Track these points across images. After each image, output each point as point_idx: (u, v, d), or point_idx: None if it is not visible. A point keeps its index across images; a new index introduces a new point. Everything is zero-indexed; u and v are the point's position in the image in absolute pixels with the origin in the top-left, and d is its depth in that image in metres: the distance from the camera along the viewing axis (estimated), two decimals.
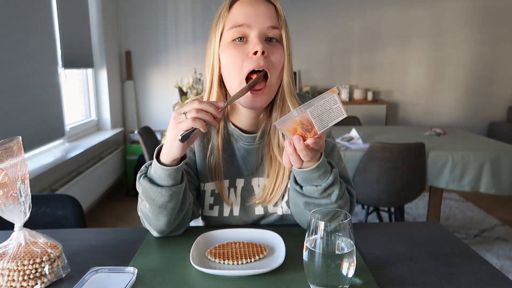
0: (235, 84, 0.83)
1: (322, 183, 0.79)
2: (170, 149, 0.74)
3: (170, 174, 0.76)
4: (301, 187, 0.83)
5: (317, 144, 0.71)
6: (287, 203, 0.96)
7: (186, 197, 0.85)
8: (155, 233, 0.87)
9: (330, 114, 0.69)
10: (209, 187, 0.95)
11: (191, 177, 0.94)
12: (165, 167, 0.75)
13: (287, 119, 0.70)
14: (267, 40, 0.81)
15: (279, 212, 0.97)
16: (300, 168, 0.77)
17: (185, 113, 0.70)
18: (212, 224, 0.99)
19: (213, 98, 0.88)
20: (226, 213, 0.96)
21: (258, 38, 0.79)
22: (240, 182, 0.95)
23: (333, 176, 0.80)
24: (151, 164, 0.80)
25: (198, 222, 1.06)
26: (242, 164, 0.95)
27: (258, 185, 0.96)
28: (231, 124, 0.93)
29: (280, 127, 0.71)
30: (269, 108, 0.91)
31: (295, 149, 0.71)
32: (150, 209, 0.81)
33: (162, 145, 0.78)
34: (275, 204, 0.96)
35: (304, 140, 0.70)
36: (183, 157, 0.78)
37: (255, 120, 0.92)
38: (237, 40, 0.80)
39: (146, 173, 0.81)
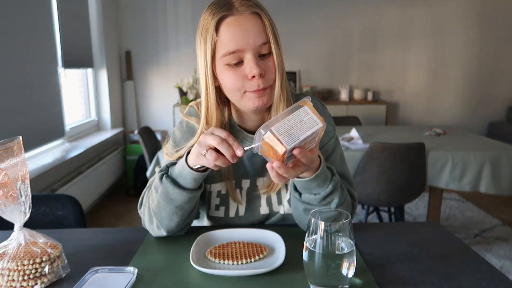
0: (237, 100, 0.84)
1: (321, 192, 0.80)
2: (196, 160, 0.76)
3: (195, 178, 0.79)
4: (300, 194, 0.83)
5: (306, 158, 0.69)
6: (289, 202, 0.96)
7: (198, 201, 0.87)
8: (162, 232, 0.87)
9: (301, 126, 0.65)
10: (215, 188, 0.96)
11: None
12: (193, 171, 0.78)
13: (258, 141, 0.67)
14: (261, 55, 0.81)
15: (281, 211, 0.97)
16: (297, 177, 0.78)
17: (207, 150, 0.72)
18: (218, 224, 0.99)
19: (212, 114, 0.87)
20: (232, 213, 0.97)
21: (253, 62, 0.78)
22: (245, 183, 0.96)
23: (333, 185, 0.80)
24: (172, 164, 0.83)
25: (203, 222, 1.06)
26: (247, 164, 0.95)
27: (263, 184, 0.96)
28: (237, 125, 0.93)
29: (259, 151, 0.68)
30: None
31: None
32: (165, 208, 0.82)
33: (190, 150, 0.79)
34: (279, 202, 0.97)
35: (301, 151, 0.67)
36: None
37: (260, 122, 0.92)
38: (233, 64, 0.80)
39: (167, 172, 0.83)
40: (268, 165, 0.70)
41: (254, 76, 0.79)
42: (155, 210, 0.85)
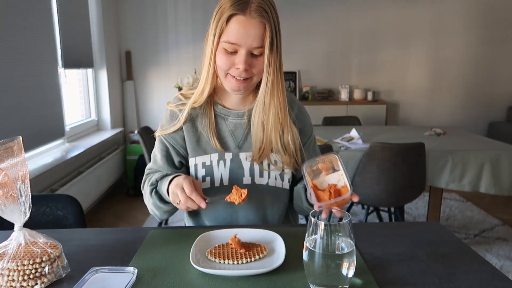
0: (221, 78, 0.99)
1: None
2: (173, 201, 0.92)
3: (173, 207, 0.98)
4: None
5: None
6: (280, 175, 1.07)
7: None
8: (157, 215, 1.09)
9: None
10: (200, 160, 1.05)
11: (184, 159, 1.07)
12: (169, 205, 0.99)
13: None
14: (253, 54, 0.94)
15: (263, 183, 1.05)
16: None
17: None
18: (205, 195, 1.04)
19: (207, 86, 1.01)
20: (217, 183, 1.04)
21: (243, 57, 0.93)
22: (228, 156, 1.05)
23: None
24: (161, 178, 0.99)
25: (198, 222, 1.08)
26: (230, 138, 1.05)
27: (246, 159, 1.05)
28: (218, 105, 1.06)
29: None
30: (256, 91, 1.02)
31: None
32: (157, 211, 1.04)
33: (173, 177, 0.93)
34: (261, 175, 1.05)
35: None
36: None
37: (243, 100, 1.06)
38: (228, 51, 0.94)
39: (156, 187, 1.00)
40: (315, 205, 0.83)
41: (239, 68, 0.94)
42: (150, 207, 1.06)
